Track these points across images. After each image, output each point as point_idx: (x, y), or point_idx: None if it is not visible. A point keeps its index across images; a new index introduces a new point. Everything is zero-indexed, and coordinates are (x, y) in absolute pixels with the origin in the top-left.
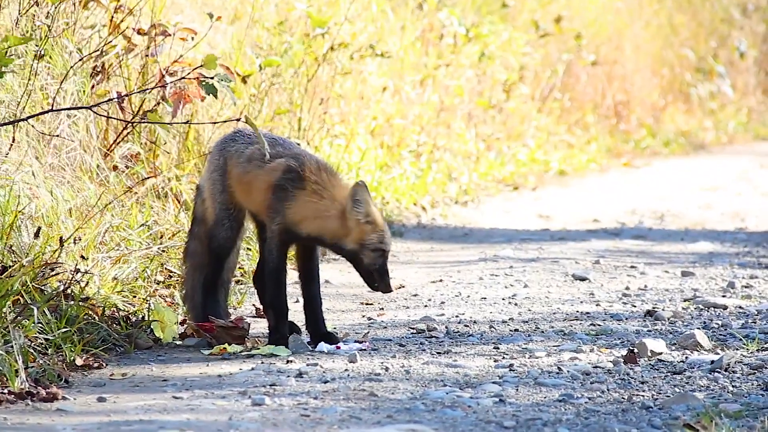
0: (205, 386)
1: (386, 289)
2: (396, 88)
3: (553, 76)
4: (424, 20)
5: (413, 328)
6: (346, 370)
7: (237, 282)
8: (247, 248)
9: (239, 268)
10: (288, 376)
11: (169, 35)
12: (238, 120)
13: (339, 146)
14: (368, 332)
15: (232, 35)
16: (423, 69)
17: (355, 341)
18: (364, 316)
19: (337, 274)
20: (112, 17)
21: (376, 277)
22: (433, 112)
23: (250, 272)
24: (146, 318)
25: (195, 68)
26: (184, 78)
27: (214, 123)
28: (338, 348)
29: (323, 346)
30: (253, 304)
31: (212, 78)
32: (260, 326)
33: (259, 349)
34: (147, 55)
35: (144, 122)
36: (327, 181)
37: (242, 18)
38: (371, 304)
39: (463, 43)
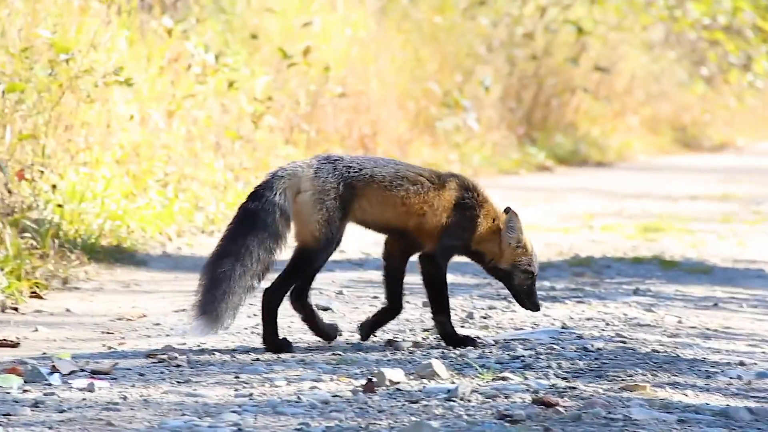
0: None
1: (534, 308)
2: (143, 116)
3: (299, 107)
4: (172, 49)
5: (154, 358)
6: (83, 399)
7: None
8: None
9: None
10: (23, 406)
11: None
12: None
13: (85, 174)
14: (118, 363)
15: None
16: (171, 98)
17: (94, 371)
18: (104, 345)
19: (78, 303)
20: None
21: (524, 297)
22: (181, 141)
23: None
24: None
25: None
26: None
27: None
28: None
29: (56, 377)
30: None
31: None
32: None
33: None
34: None
35: None
36: (491, 200)
37: None
38: (112, 333)
39: (211, 74)
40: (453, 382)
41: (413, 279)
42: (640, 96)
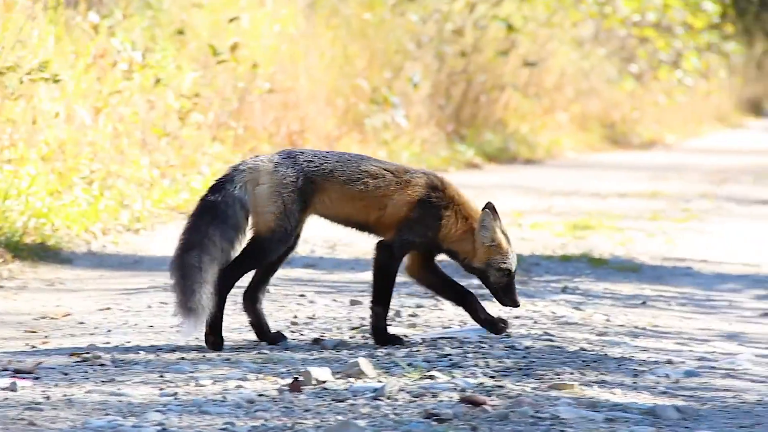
0: None
1: (513, 304)
2: (69, 113)
3: (227, 103)
4: (98, 45)
5: (78, 357)
6: (5, 398)
7: None
8: None
9: None
10: None
11: None
12: None
13: (9, 172)
14: (41, 362)
15: None
16: (97, 95)
17: (17, 370)
18: (27, 344)
19: (1, 301)
20: None
21: (502, 295)
22: (107, 138)
23: None
24: None
25: None
26: None
27: None
28: None
29: None
30: None
31: None
32: None
33: None
34: None
35: None
36: (464, 199)
37: None
38: (36, 332)
39: (138, 70)
40: (380, 381)
41: (340, 277)
42: (570, 93)
